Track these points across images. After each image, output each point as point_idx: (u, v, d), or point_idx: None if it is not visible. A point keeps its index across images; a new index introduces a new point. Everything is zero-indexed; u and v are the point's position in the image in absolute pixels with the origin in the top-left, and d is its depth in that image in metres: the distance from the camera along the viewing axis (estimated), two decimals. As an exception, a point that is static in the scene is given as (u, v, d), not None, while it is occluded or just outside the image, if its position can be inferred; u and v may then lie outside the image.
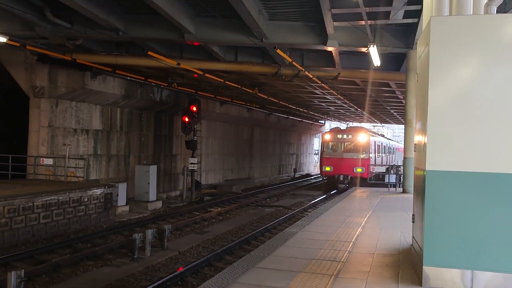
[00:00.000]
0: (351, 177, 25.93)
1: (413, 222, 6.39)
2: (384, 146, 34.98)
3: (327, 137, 28.47)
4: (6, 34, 13.44)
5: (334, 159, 27.07)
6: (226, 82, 22.07)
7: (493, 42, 5.01)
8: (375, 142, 29.55)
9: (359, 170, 25.72)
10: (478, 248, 5.02)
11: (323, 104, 34.00)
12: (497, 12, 5.54)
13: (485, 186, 5.02)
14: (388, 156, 38.06)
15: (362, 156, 26.48)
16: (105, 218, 16.03)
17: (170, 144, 26.49)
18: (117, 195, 17.73)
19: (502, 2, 5.60)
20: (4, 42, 13.49)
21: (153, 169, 20.70)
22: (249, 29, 14.10)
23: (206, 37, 15.07)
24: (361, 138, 26.97)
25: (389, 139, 46.16)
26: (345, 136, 27.83)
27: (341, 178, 26.18)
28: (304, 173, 49.01)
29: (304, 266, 6.21)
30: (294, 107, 34.55)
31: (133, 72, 20.25)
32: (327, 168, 27.06)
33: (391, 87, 22.96)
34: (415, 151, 6.36)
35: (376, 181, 27.06)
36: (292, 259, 6.61)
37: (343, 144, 27.61)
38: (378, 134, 36.25)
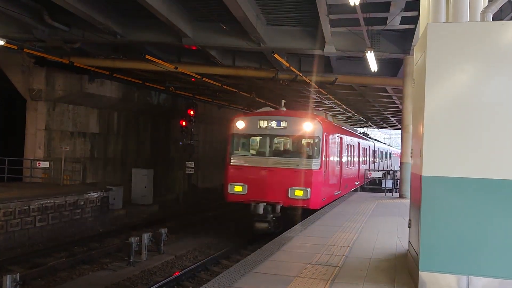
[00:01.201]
0: (282, 208, 13.06)
1: (409, 227, 6.40)
2: (364, 149, 23.64)
3: (240, 125, 14.20)
4: (4, 37, 13.45)
5: (250, 169, 13.72)
6: (224, 86, 22.11)
7: (489, 49, 5.05)
8: (341, 140, 16.55)
9: (298, 193, 13.05)
10: (474, 254, 5.04)
11: (320, 109, 34.06)
12: (493, 19, 5.58)
13: (481, 192, 5.03)
14: (375, 164, 28.65)
15: (306, 164, 13.37)
16: (102, 221, 15.99)
17: (167, 148, 26.46)
18: (114, 199, 17.71)
19: (498, 9, 5.64)
20: (1, 45, 13.48)
21: (150, 172, 20.69)
22: (247, 33, 14.14)
23: (204, 41, 15.11)
24: (307, 128, 13.55)
25: (376, 140, 35.30)
26: (274, 124, 13.86)
27: (261, 210, 12.79)
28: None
29: (300, 271, 6.21)
30: (292, 112, 34.55)
31: (131, 76, 20.26)
32: (237, 188, 13.59)
33: (388, 93, 23.07)
34: (411, 156, 6.39)
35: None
36: (288, 264, 6.61)
37: (269, 140, 13.99)
38: (352, 131, 22.96)
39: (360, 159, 22.08)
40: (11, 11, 12.94)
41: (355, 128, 26.48)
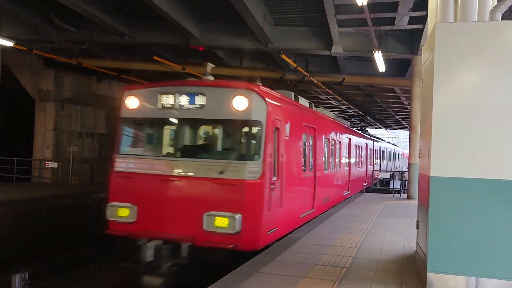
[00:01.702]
0: (194, 249, 7.14)
1: (417, 228, 6.36)
2: (359, 148, 19.10)
3: (132, 103, 8.22)
4: (13, 38, 13.56)
5: (142, 180, 7.88)
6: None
7: (498, 49, 5.01)
8: (315, 132, 11.30)
9: (220, 223, 7.19)
10: (483, 255, 4.99)
11: (327, 110, 34.02)
12: (502, 19, 5.53)
13: (490, 192, 4.99)
14: (374, 167, 24.23)
15: (236, 170, 7.47)
16: (109, 221, 16.04)
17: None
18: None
19: (507, 9, 5.60)
20: (10, 46, 13.60)
21: (157, 173, 20.69)
22: (254, 34, 14.15)
23: (211, 42, 15.15)
24: (238, 107, 7.60)
25: (378, 138, 30.86)
26: (184, 101, 7.92)
27: (150, 254, 7.04)
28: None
29: (307, 271, 6.19)
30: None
31: (138, 77, 20.35)
32: (121, 213, 7.78)
33: (396, 93, 22.97)
34: (419, 157, 6.35)
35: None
36: (295, 264, 6.59)
37: (177, 128, 8.34)
38: (339, 122, 16.17)
39: (353, 161, 17.22)
40: (20, 13, 13.05)
41: (345, 121, 19.49)
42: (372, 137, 26.31)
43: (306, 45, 15.24)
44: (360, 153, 19.26)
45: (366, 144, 21.62)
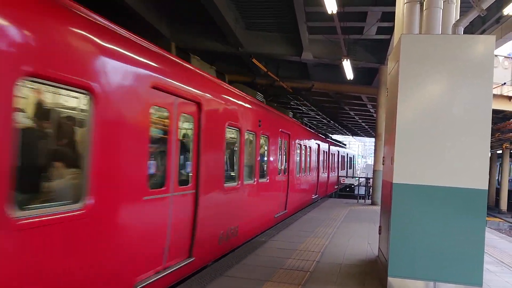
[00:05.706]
0: None
1: (379, 233, 6.51)
2: (307, 148, 15.54)
3: None
4: None
5: None
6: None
7: (458, 61, 5.20)
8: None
9: None
10: (440, 260, 5.16)
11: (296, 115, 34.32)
12: (464, 33, 5.75)
13: (448, 200, 5.16)
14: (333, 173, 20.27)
15: None
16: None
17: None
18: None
19: (469, 23, 5.82)
20: None
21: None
22: (226, 37, 14.17)
23: (182, 43, 15.02)
24: None
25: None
26: None
27: None
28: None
29: (272, 275, 6.23)
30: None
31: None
32: None
33: (363, 101, 23.41)
34: (383, 164, 6.50)
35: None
36: (260, 268, 6.61)
37: None
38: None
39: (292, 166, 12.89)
40: None
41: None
42: (325, 138, 21.36)
43: (276, 50, 15.38)
44: (307, 157, 15.54)
45: (318, 145, 17.70)
